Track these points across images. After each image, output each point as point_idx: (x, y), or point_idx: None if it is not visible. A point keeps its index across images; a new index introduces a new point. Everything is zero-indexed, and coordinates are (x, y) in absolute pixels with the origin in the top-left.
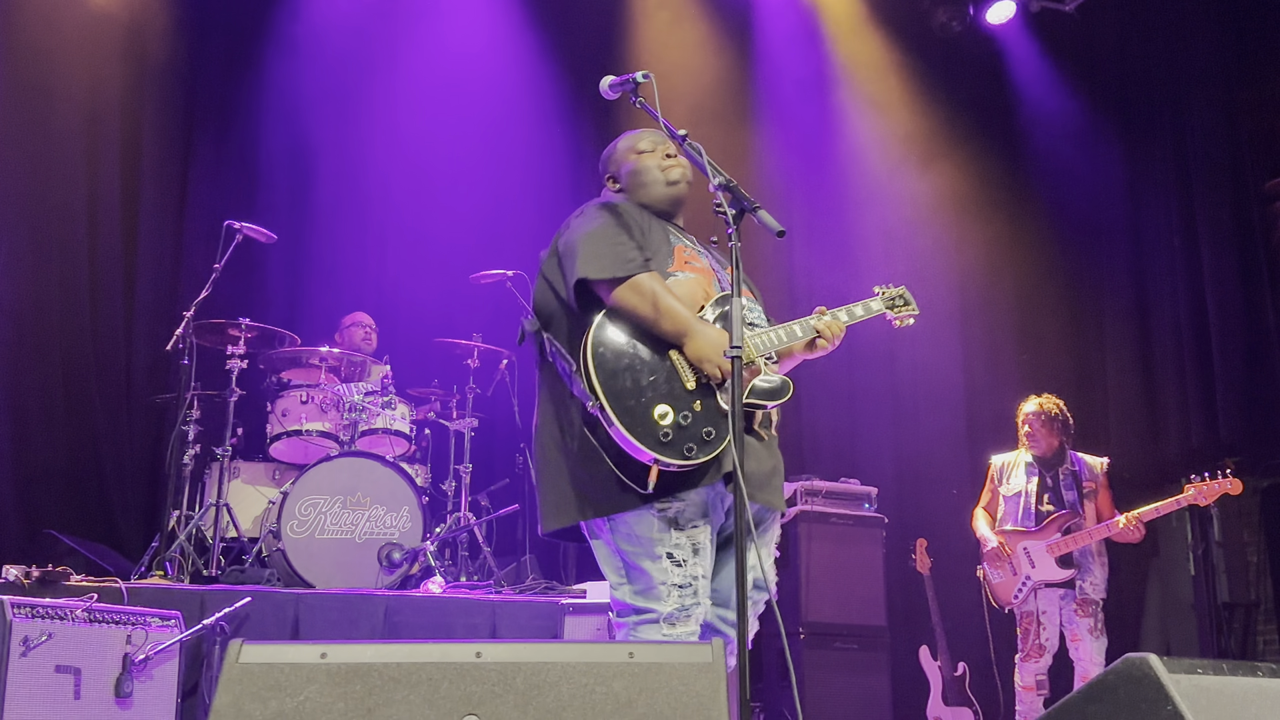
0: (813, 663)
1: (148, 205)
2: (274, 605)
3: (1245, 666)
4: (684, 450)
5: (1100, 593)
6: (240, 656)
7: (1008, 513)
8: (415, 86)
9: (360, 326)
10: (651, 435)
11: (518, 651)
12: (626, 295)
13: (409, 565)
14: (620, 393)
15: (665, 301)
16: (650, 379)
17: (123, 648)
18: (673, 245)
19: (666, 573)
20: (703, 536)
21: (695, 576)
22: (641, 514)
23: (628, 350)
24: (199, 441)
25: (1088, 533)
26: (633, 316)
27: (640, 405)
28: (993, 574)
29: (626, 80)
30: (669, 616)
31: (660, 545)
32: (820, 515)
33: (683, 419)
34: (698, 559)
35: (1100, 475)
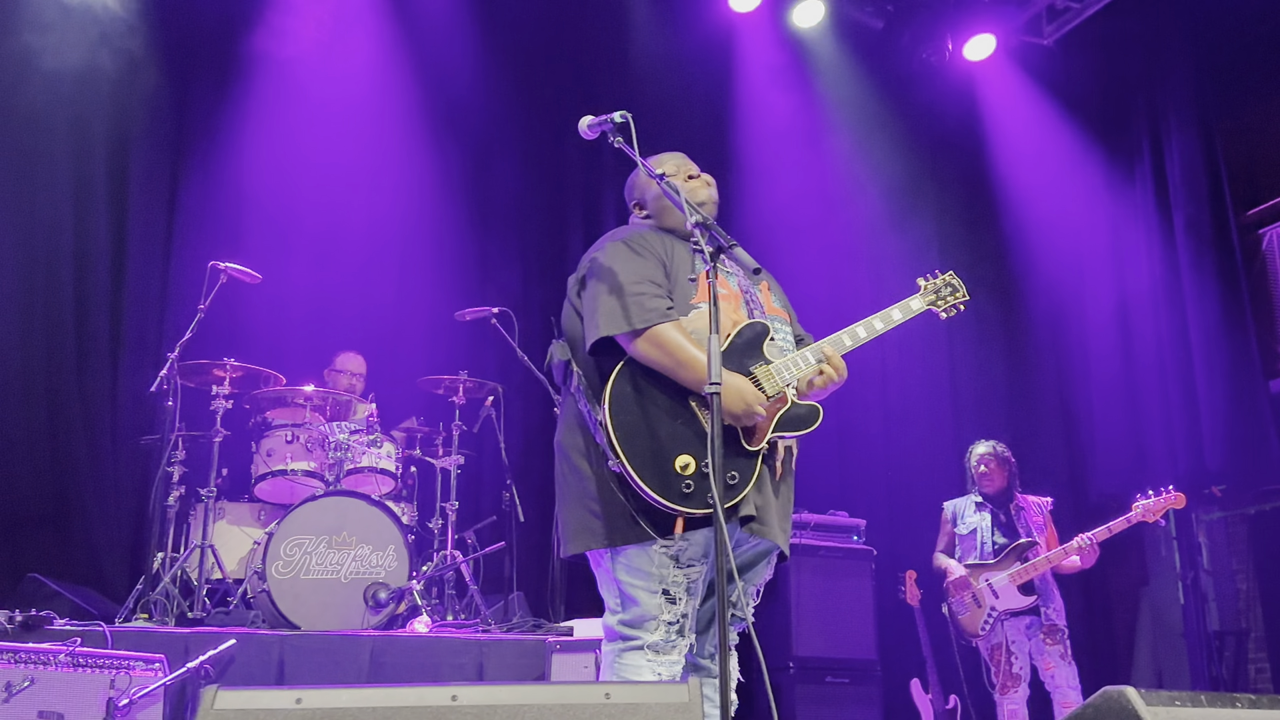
0: (804, 697)
1: (134, 246)
2: (259, 647)
3: (1224, 698)
4: (707, 500)
5: (1064, 618)
6: (215, 703)
7: (965, 550)
8: (399, 123)
9: (347, 373)
10: (674, 490)
11: (494, 694)
12: (646, 349)
13: (395, 605)
14: (641, 450)
15: (686, 354)
16: (670, 430)
17: (106, 692)
18: (696, 270)
19: (660, 608)
20: (697, 576)
21: (685, 615)
22: (645, 549)
23: (648, 402)
24: (184, 482)
25: (1046, 558)
26: (654, 367)
27: (661, 458)
28: (958, 608)
29: (605, 120)
30: (654, 645)
31: (659, 581)
32: (809, 548)
33: (705, 467)
34: (690, 598)
35: (1045, 513)
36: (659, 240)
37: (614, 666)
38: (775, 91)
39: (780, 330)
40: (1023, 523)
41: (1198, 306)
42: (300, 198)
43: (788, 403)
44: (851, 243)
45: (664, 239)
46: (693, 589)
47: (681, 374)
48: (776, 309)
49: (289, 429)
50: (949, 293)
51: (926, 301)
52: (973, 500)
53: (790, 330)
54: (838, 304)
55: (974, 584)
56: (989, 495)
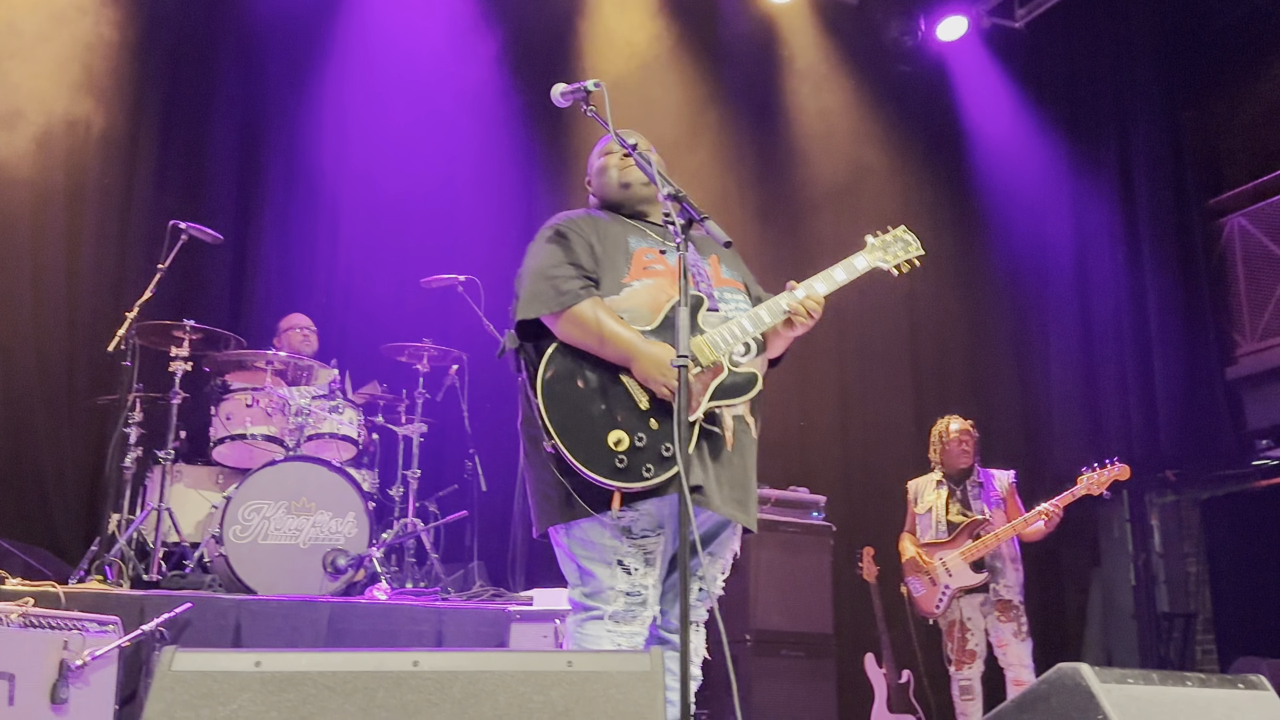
0: (760, 670)
1: (92, 205)
2: (215, 611)
3: (1175, 676)
4: (641, 472)
5: (1017, 595)
6: (173, 664)
7: (923, 529)
8: (365, 88)
9: (297, 329)
10: (607, 465)
11: (455, 660)
12: (567, 329)
13: (354, 571)
14: (573, 428)
15: (607, 329)
16: (602, 407)
17: (59, 653)
18: (632, 251)
19: (616, 578)
20: (655, 547)
21: (645, 586)
22: (595, 522)
23: (580, 382)
24: (141, 444)
25: (995, 535)
26: (579, 347)
27: (594, 436)
28: (914, 587)
29: (578, 89)
30: (614, 615)
31: (613, 553)
32: (769, 523)
33: (638, 441)
34: (649, 569)
35: (1007, 486)
36: (589, 223)
37: (575, 636)
38: (748, 67)
39: (732, 299)
40: (980, 499)
41: (1157, 293)
42: (263, 159)
43: (723, 371)
44: (819, 221)
45: (596, 220)
46: (650, 559)
47: (605, 350)
48: (727, 280)
49: (249, 392)
50: (900, 248)
51: (873, 259)
52: (933, 478)
53: (745, 299)
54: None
55: (928, 562)
56: (952, 472)
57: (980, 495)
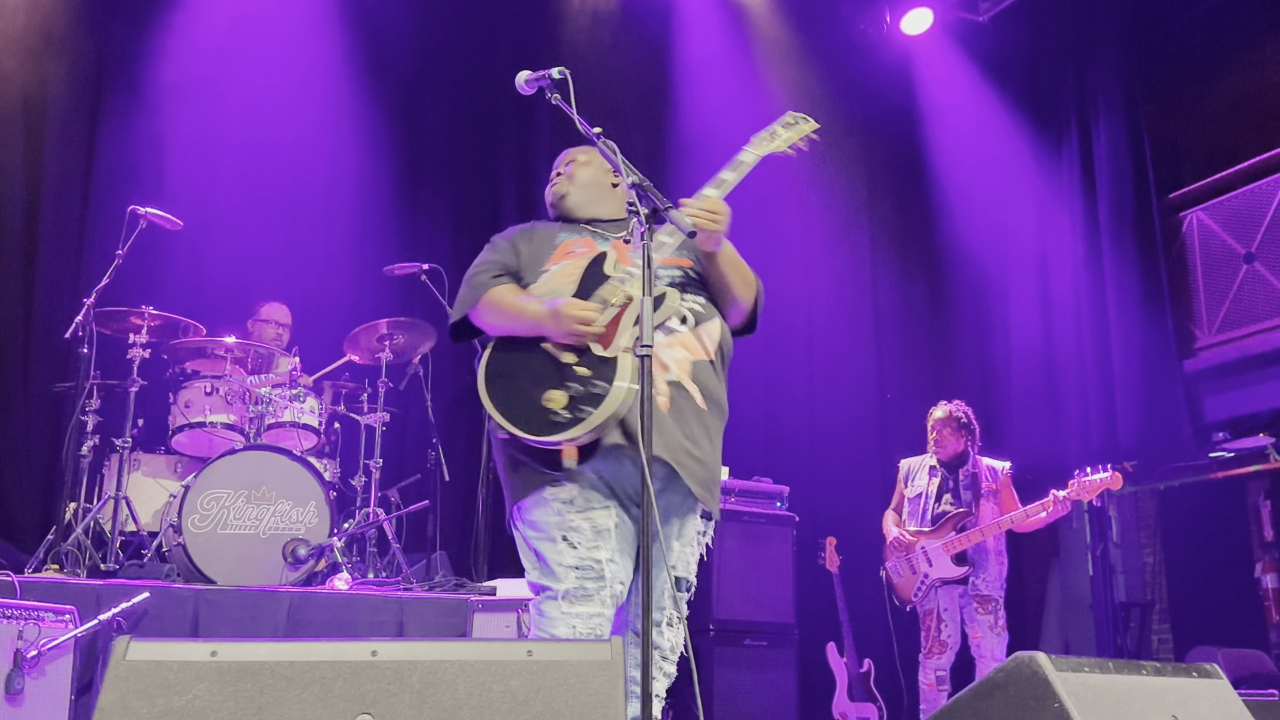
0: (722, 659)
1: (50, 188)
2: (174, 601)
3: (1130, 665)
4: (580, 417)
5: (997, 590)
6: (127, 654)
7: (910, 514)
8: (328, 72)
9: (273, 324)
10: (548, 423)
11: (414, 650)
12: (484, 318)
13: (315, 561)
14: (513, 405)
15: (510, 306)
16: (532, 377)
17: (14, 643)
18: (558, 243)
19: (561, 554)
20: (605, 519)
21: (596, 560)
22: (538, 498)
23: (512, 363)
24: (98, 432)
25: (980, 530)
26: (501, 333)
27: (530, 403)
28: (894, 572)
29: (542, 76)
30: (566, 594)
31: (558, 529)
32: (732, 513)
33: (572, 391)
34: (599, 540)
35: (1002, 477)
36: (523, 232)
37: (534, 620)
38: (712, 54)
39: (666, 275)
40: (971, 489)
41: (1117, 286)
42: (224, 144)
43: (633, 301)
44: (781, 211)
45: (533, 230)
46: (601, 532)
47: (517, 326)
48: (670, 259)
49: (208, 380)
50: (790, 132)
51: (760, 150)
52: (928, 463)
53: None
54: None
55: (911, 550)
56: (949, 458)
57: (972, 486)
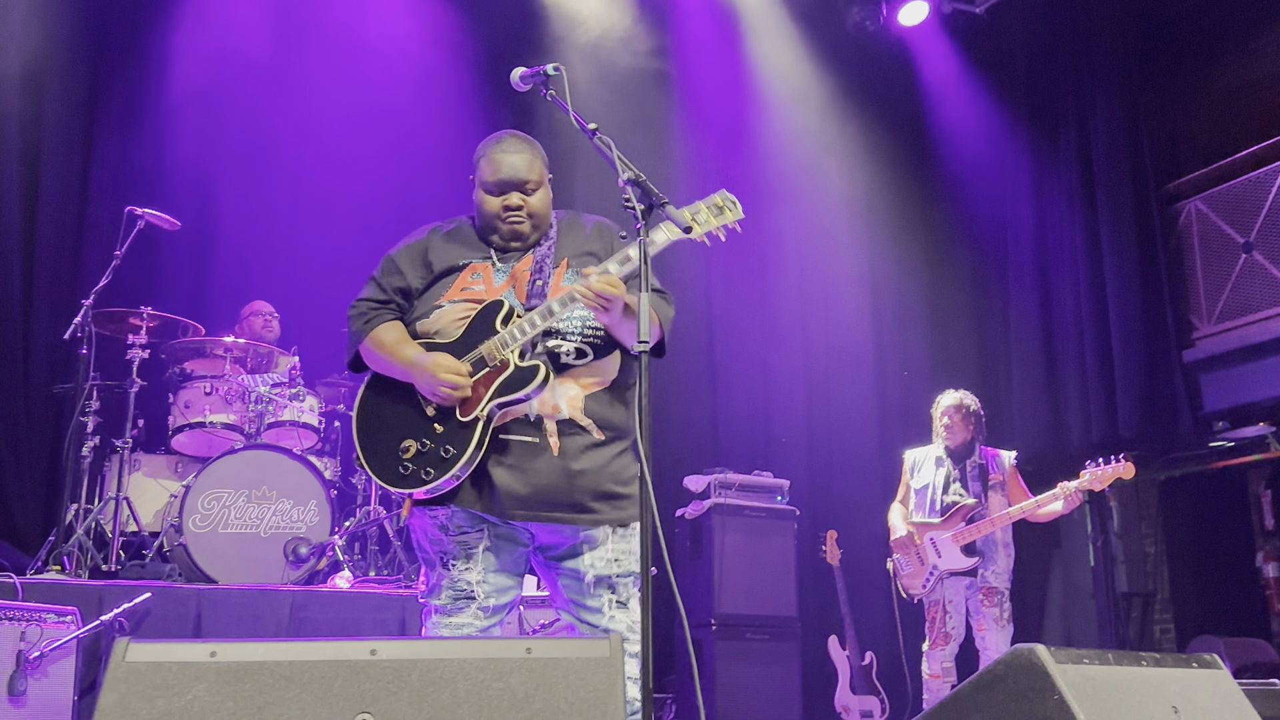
0: (725, 653)
1: (48, 190)
2: (175, 601)
3: (1130, 656)
4: (422, 476)
5: (1004, 581)
6: (127, 655)
7: (917, 505)
8: (325, 72)
9: (259, 315)
10: (392, 472)
11: (413, 648)
12: (367, 359)
13: (316, 560)
14: (374, 444)
15: (384, 353)
16: (397, 419)
17: (17, 644)
18: (461, 268)
19: (438, 573)
20: (476, 542)
21: (467, 581)
22: (419, 518)
23: (382, 397)
24: (98, 433)
25: (990, 521)
26: (379, 370)
27: (386, 447)
28: (902, 564)
29: (537, 73)
30: (440, 608)
31: (435, 550)
32: (734, 508)
33: (423, 445)
34: (469, 564)
35: (1008, 468)
36: (419, 248)
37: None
38: (710, 51)
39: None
40: (979, 479)
41: (1116, 275)
42: (221, 144)
43: (509, 367)
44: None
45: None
46: (473, 556)
47: (394, 372)
48: (567, 288)
49: (208, 380)
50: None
51: (672, 234)
52: (934, 453)
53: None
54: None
55: (918, 542)
56: (952, 448)
57: (980, 477)
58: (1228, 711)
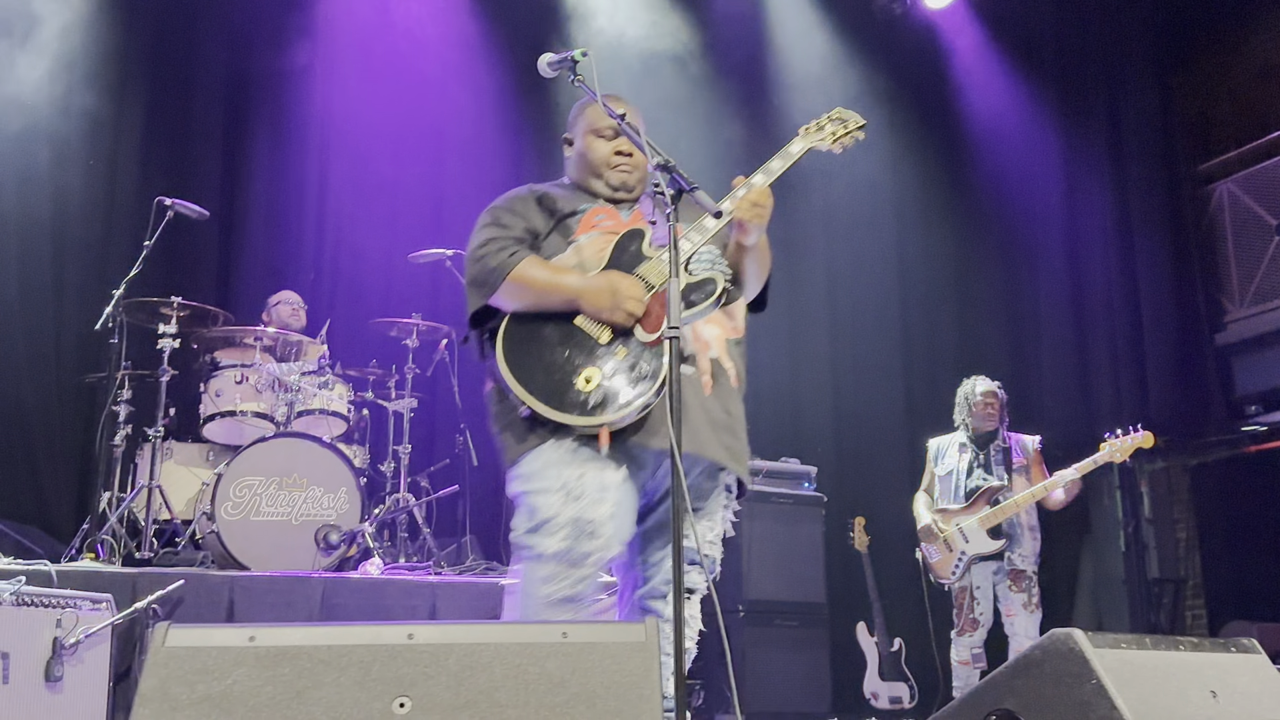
0: (753, 640)
1: (77, 183)
2: (208, 588)
3: (1167, 641)
4: (620, 403)
5: (1031, 565)
6: (167, 640)
7: (943, 492)
8: (352, 61)
9: (287, 304)
10: (581, 406)
11: (450, 633)
12: (509, 297)
13: (347, 547)
14: (544, 386)
15: (544, 280)
16: (565, 354)
17: (52, 631)
18: (581, 212)
19: (558, 507)
20: (611, 475)
21: (594, 518)
22: (538, 451)
23: (536, 336)
24: (130, 422)
25: (1014, 503)
26: (529, 309)
27: (564, 384)
28: (930, 553)
29: (565, 58)
30: (556, 554)
31: (556, 479)
32: (761, 495)
33: (609, 372)
34: (609, 494)
35: (1033, 452)
36: (525, 201)
37: (517, 572)
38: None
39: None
40: (1002, 464)
41: (1147, 258)
42: (251, 133)
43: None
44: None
45: (541, 196)
46: (607, 489)
47: (550, 301)
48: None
49: (238, 369)
50: (838, 128)
51: (809, 141)
52: (957, 440)
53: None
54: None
55: (945, 528)
56: (978, 435)
57: (1003, 461)
58: (1266, 696)
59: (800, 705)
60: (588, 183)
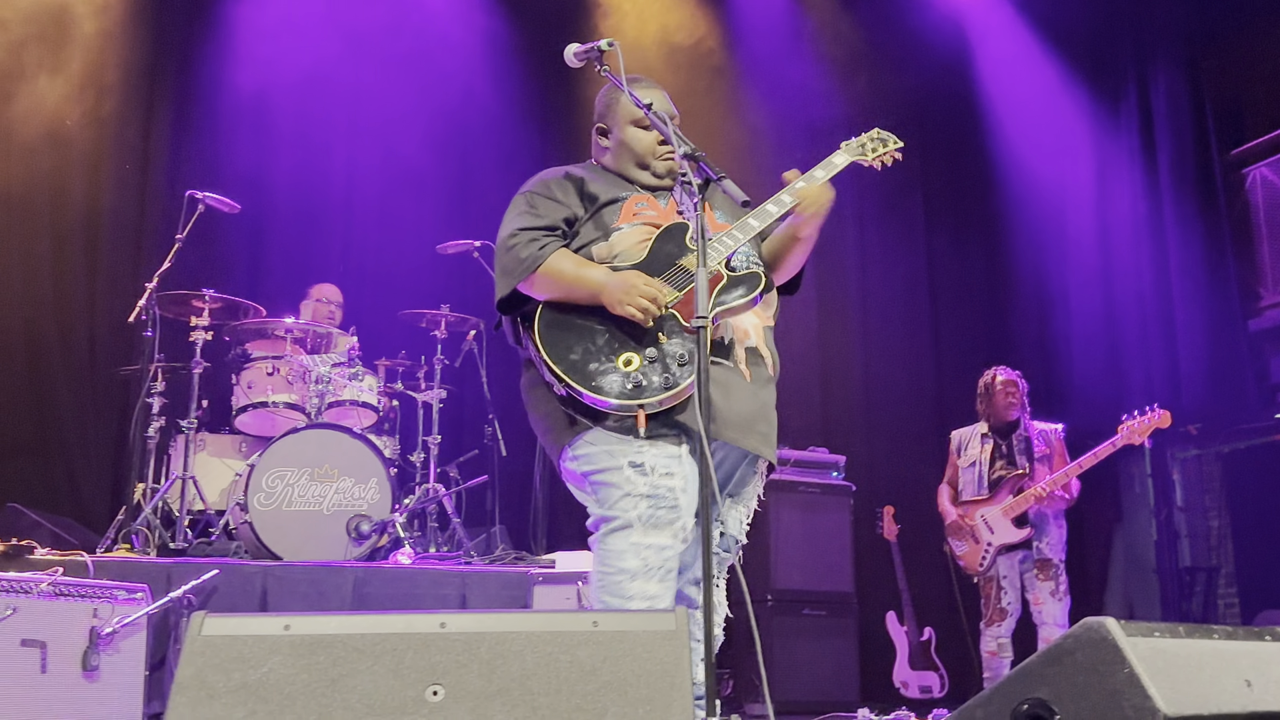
0: (781, 629)
1: (110, 175)
2: (242, 578)
3: (1201, 629)
4: (663, 384)
5: (1058, 553)
6: (203, 629)
7: (966, 483)
8: (379, 54)
9: (326, 303)
10: (622, 389)
11: (482, 621)
12: (540, 289)
13: (378, 537)
14: (580, 366)
15: (569, 277)
16: (605, 337)
17: (89, 621)
18: (623, 199)
19: (630, 482)
20: (677, 449)
21: (669, 488)
22: (597, 431)
23: (574, 322)
24: (164, 414)
25: (1037, 490)
26: (553, 299)
27: (605, 367)
28: (957, 546)
29: (591, 48)
30: (640, 519)
31: (621, 456)
32: (789, 484)
33: (649, 356)
34: (676, 466)
35: (1055, 441)
36: (563, 184)
37: (597, 555)
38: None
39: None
40: (1025, 453)
41: (1179, 245)
42: (279, 127)
43: (722, 279)
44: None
45: (576, 179)
46: (676, 458)
47: (577, 296)
48: (723, 225)
49: (269, 361)
50: (878, 145)
51: (852, 154)
52: (979, 431)
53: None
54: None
55: (970, 520)
56: (1000, 425)
57: (1026, 450)
58: None
59: (829, 694)
60: (630, 172)
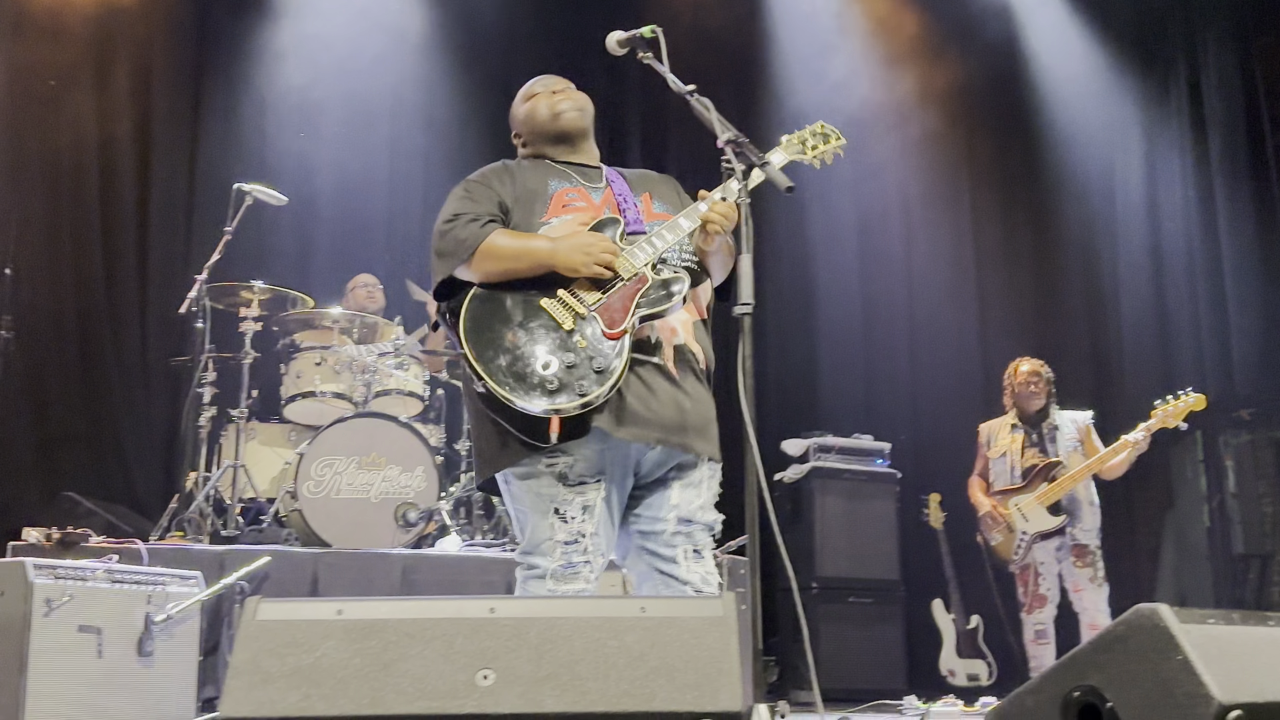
0: (827, 616)
1: (159, 168)
2: (293, 564)
3: (1256, 616)
4: (577, 391)
5: (1094, 539)
6: (258, 614)
7: (997, 474)
8: (420, 42)
9: (364, 287)
10: (539, 388)
11: (531, 607)
12: (482, 267)
13: (424, 524)
14: (499, 364)
15: (518, 246)
16: (526, 336)
17: (144, 607)
18: (551, 193)
19: (553, 529)
20: (593, 495)
21: (582, 534)
22: (529, 469)
23: (499, 315)
24: (215, 403)
25: (1071, 476)
26: (497, 279)
27: (521, 364)
28: (992, 538)
29: (634, 36)
30: (554, 572)
31: (549, 501)
32: (834, 471)
33: (567, 363)
34: (586, 516)
35: (1084, 427)
36: (498, 172)
37: (519, 590)
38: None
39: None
40: (1055, 442)
41: (1231, 227)
42: (325, 119)
43: (646, 282)
44: (879, 163)
45: (510, 169)
46: (589, 508)
47: (522, 266)
48: (659, 214)
49: (317, 351)
50: (819, 142)
51: (790, 153)
52: (1008, 422)
53: None
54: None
55: (1004, 510)
56: (1027, 415)
57: (1056, 438)
58: None
59: (876, 682)
60: (545, 148)
